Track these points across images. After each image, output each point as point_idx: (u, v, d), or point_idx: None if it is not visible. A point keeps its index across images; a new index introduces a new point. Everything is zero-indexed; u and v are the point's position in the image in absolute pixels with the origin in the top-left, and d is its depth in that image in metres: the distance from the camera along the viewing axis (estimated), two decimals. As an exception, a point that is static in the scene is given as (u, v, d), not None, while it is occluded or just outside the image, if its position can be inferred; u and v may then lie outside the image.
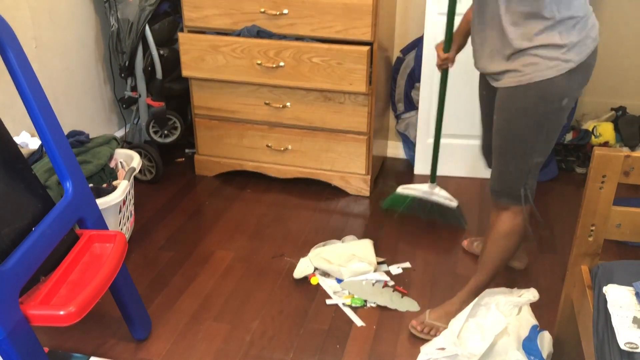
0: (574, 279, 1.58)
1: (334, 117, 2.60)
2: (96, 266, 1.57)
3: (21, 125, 2.27)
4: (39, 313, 1.40)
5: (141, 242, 2.37)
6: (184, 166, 2.98)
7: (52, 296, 1.47)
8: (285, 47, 2.47)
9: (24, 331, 1.37)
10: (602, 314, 1.35)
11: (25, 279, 1.40)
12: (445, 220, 2.51)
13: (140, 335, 1.88)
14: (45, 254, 1.47)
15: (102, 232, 1.68)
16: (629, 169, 1.41)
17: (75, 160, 1.62)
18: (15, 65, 1.46)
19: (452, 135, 2.88)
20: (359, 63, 2.42)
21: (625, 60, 3.16)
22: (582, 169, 2.96)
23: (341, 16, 2.40)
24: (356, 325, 1.97)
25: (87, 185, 1.66)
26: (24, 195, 1.49)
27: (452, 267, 2.27)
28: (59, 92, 2.59)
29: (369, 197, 2.74)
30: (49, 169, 2.06)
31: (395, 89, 2.99)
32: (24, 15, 2.34)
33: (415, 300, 2.08)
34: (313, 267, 2.20)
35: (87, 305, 1.42)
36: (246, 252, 2.35)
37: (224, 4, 2.50)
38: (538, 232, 2.49)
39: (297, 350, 1.87)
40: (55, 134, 1.55)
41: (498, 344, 1.62)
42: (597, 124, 3.00)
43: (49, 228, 1.49)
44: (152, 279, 2.15)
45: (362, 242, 2.30)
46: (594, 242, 1.52)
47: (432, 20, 2.68)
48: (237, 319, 2.00)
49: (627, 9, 3.07)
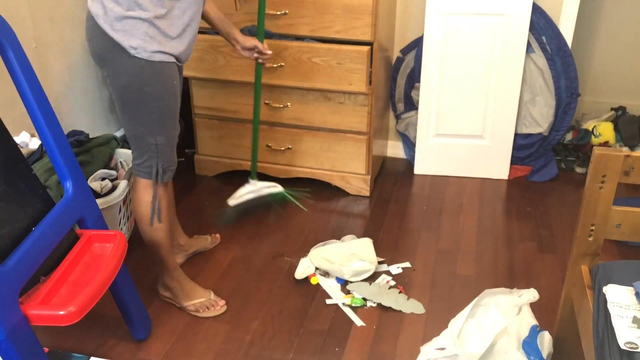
0: (574, 279, 1.58)
1: (334, 117, 2.60)
2: (96, 266, 1.57)
3: (21, 125, 2.26)
4: (39, 313, 1.40)
5: (141, 242, 2.36)
6: (184, 166, 2.98)
7: (52, 296, 1.47)
8: (285, 47, 2.47)
9: (24, 331, 1.37)
10: (602, 314, 1.35)
11: (25, 279, 1.40)
12: (280, 202, 2.61)
13: (140, 335, 1.88)
14: (46, 254, 1.47)
15: (102, 232, 1.67)
16: (629, 169, 1.41)
17: (75, 160, 1.62)
18: (16, 65, 1.46)
19: (452, 135, 2.88)
20: (358, 63, 2.42)
21: (625, 60, 3.16)
22: (582, 169, 2.96)
23: (341, 16, 2.40)
24: (356, 325, 1.98)
25: (87, 185, 1.66)
26: (24, 195, 1.49)
27: (452, 267, 2.27)
28: (59, 92, 2.59)
29: (369, 197, 2.74)
30: (49, 169, 2.06)
31: (395, 89, 2.99)
32: (24, 15, 2.33)
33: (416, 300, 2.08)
34: (314, 267, 2.20)
35: (87, 305, 1.42)
36: (246, 252, 2.35)
37: (224, 4, 2.50)
38: (538, 232, 2.49)
39: (297, 350, 1.87)
40: (55, 133, 1.55)
41: (498, 344, 1.62)
42: (597, 124, 3.00)
43: (49, 228, 1.48)
44: (152, 279, 2.15)
45: (362, 240, 2.30)
46: (594, 242, 1.52)
47: (432, 20, 2.68)
48: (237, 319, 2.00)
49: (627, 9, 3.08)
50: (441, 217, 2.60)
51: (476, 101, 2.80)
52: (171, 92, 1.75)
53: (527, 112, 2.82)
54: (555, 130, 2.85)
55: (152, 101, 1.70)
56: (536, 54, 2.73)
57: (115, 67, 1.66)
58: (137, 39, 1.62)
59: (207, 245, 2.37)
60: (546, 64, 2.74)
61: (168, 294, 2.05)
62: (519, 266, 2.27)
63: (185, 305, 2.02)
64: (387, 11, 2.63)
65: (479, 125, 2.84)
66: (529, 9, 2.60)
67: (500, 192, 2.81)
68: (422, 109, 2.85)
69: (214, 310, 2.02)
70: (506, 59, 2.69)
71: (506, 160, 2.89)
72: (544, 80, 2.76)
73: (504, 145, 2.86)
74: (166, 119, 1.76)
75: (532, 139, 2.85)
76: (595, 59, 3.18)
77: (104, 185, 2.13)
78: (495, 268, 2.26)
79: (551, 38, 2.71)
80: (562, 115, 2.82)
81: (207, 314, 2.01)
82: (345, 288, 2.14)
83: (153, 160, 1.80)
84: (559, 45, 2.72)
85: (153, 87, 1.68)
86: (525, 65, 2.72)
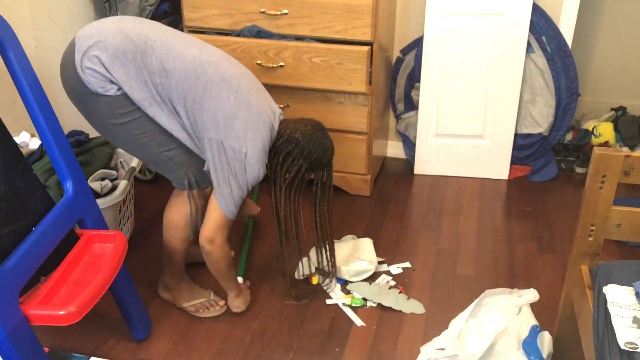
0: (574, 279, 1.58)
1: (334, 117, 2.60)
2: (96, 266, 1.57)
3: (21, 125, 2.26)
4: (39, 313, 1.40)
5: (141, 242, 2.37)
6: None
7: (52, 296, 1.47)
8: (285, 47, 2.47)
9: (24, 331, 1.37)
10: (602, 314, 1.35)
11: (25, 279, 1.40)
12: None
13: (140, 335, 1.88)
14: (46, 254, 1.47)
15: (102, 232, 1.67)
16: (629, 169, 1.41)
17: (75, 160, 1.62)
18: (16, 65, 1.46)
19: (452, 135, 2.88)
20: (359, 63, 2.42)
21: (625, 60, 3.16)
22: (582, 169, 2.96)
23: (341, 16, 2.40)
24: (356, 325, 1.97)
25: (87, 185, 1.66)
26: (24, 196, 1.49)
27: (452, 267, 2.27)
28: (59, 92, 2.57)
29: (369, 197, 2.74)
30: (49, 169, 2.06)
31: (395, 89, 2.99)
32: (24, 15, 2.34)
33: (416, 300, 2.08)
34: (314, 267, 2.20)
35: (87, 305, 1.42)
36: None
37: (224, 4, 2.50)
38: (538, 232, 2.49)
39: (297, 350, 1.87)
40: (55, 134, 1.55)
41: (498, 344, 1.62)
42: (597, 124, 3.00)
43: (49, 228, 1.48)
44: (152, 278, 2.15)
45: (362, 240, 2.30)
46: (594, 242, 1.52)
47: (432, 20, 2.68)
48: (237, 319, 2.00)
49: (627, 9, 3.08)
50: (441, 217, 2.60)
51: (476, 101, 2.80)
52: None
53: (527, 112, 2.82)
54: (555, 130, 2.85)
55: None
56: (536, 54, 2.73)
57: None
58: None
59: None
60: (546, 64, 2.74)
61: (168, 295, 2.04)
62: (519, 266, 2.27)
63: (184, 305, 2.01)
64: (387, 11, 2.63)
65: (479, 125, 2.84)
66: (529, 9, 2.60)
67: (500, 192, 2.81)
68: (422, 109, 2.85)
69: (213, 310, 2.02)
70: (506, 59, 2.69)
71: (506, 160, 2.89)
72: (544, 80, 2.76)
73: (504, 145, 2.86)
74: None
75: (532, 139, 2.85)
76: (595, 59, 3.18)
77: (104, 185, 2.13)
78: (495, 268, 2.26)
79: (551, 38, 2.71)
80: (562, 115, 2.82)
81: (207, 314, 2.01)
82: (345, 288, 2.14)
83: (176, 173, 1.80)
84: (559, 45, 2.72)
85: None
86: (525, 65, 2.72)
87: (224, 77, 1.71)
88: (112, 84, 1.64)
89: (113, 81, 1.64)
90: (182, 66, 1.67)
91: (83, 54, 1.63)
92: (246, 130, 1.70)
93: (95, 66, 1.62)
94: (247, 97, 1.72)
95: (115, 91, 1.65)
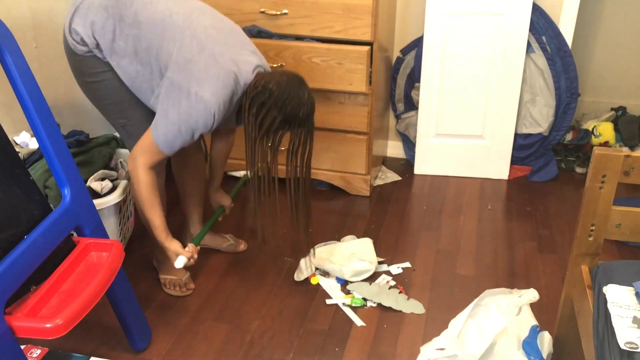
0: (574, 279, 1.58)
1: (334, 117, 2.60)
2: (91, 276, 1.50)
3: (21, 125, 2.26)
4: (24, 325, 1.33)
5: (141, 242, 2.37)
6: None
7: (42, 307, 1.40)
8: (285, 47, 2.47)
9: (7, 343, 1.30)
10: (602, 314, 1.35)
11: (12, 289, 1.33)
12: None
13: (139, 345, 1.84)
14: (37, 263, 1.40)
15: (99, 240, 1.61)
16: (629, 169, 1.41)
17: (74, 166, 1.56)
18: (13, 69, 1.42)
19: (452, 135, 2.88)
20: (359, 63, 2.42)
21: (625, 60, 3.16)
22: (582, 169, 2.96)
23: (341, 16, 2.40)
24: (356, 325, 1.98)
25: (86, 192, 1.59)
26: (20, 202, 1.43)
27: (452, 267, 2.27)
28: (59, 92, 2.59)
29: (369, 197, 2.74)
30: (48, 169, 2.06)
31: (395, 89, 2.99)
32: (24, 16, 2.34)
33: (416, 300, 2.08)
34: (314, 267, 2.20)
35: (75, 318, 1.35)
36: (246, 252, 2.35)
37: (224, 4, 2.50)
38: (538, 232, 2.49)
39: (297, 350, 1.87)
40: (53, 139, 1.50)
41: (498, 344, 1.62)
42: (597, 124, 3.00)
43: (42, 236, 1.42)
44: (152, 279, 2.15)
45: (362, 240, 2.30)
46: (594, 242, 1.52)
47: (432, 20, 2.68)
48: (237, 319, 2.00)
49: (626, 9, 3.08)
50: (441, 217, 2.60)
51: (476, 101, 2.80)
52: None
53: (527, 112, 2.83)
54: (555, 130, 2.85)
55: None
56: (536, 54, 2.73)
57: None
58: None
59: (222, 246, 2.33)
60: (546, 64, 2.74)
61: (155, 262, 2.21)
62: (519, 266, 2.27)
63: (160, 276, 2.15)
64: (387, 11, 2.63)
65: (479, 125, 2.84)
66: (529, 9, 2.60)
67: (500, 192, 2.81)
68: (422, 109, 2.85)
69: (179, 290, 2.10)
70: (506, 59, 2.69)
71: (506, 160, 2.89)
72: (544, 80, 2.76)
73: (504, 145, 2.86)
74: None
75: (532, 139, 2.85)
76: (595, 59, 3.18)
77: (104, 185, 2.13)
78: (495, 268, 2.26)
79: (551, 38, 2.71)
80: (562, 115, 2.82)
81: (171, 292, 2.11)
82: (345, 288, 2.15)
83: (127, 142, 1.95)
84: (559, 45, 2.72)
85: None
86: (525, 65, 2.72)
87: (191, 26, 1.76)
88: (86, 42, 1.78)
89: (90, 38, 1.77)
90: (152, 16, 1.76)
91: (73, 14, 1.79)
92: (206, 75, 1.71)
93: (77, 26, 1.77)
94: (212, 46, 1.74)
95: (88, 50, 1.79)
